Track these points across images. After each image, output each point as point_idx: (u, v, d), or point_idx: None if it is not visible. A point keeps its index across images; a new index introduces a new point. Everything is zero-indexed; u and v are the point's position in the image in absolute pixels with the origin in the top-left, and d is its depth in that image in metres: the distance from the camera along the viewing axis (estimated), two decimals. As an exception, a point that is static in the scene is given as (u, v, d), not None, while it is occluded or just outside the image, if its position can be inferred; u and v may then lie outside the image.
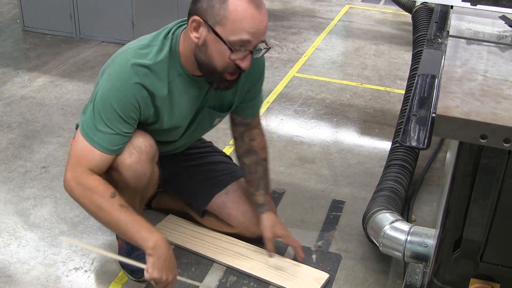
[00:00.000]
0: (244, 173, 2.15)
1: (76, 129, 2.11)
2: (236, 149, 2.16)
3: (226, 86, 1.78)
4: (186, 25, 1.76)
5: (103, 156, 1.75)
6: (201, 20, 1.67)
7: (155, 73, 1.76)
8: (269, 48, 1.75)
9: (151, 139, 1.85)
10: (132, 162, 1.79)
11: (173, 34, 1.80)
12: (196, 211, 2.20)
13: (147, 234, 1.73)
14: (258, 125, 2.14)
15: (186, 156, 2.19)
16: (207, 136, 2.28)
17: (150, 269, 1.73)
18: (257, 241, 2.20)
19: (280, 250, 2.16)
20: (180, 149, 2.13)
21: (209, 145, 2.32)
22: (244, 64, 1.68)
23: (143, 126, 1.85)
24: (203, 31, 1.68)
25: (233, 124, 2.13)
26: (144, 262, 2.01)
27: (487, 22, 1.91)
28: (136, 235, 1.74)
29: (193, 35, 1.70)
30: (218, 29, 1.64)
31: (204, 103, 1.92)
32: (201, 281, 2.02)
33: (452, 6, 2.07)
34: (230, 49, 1.65)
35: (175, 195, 2.28)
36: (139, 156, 1.80)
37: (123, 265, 2.04)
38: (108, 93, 1.74)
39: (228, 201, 2.12)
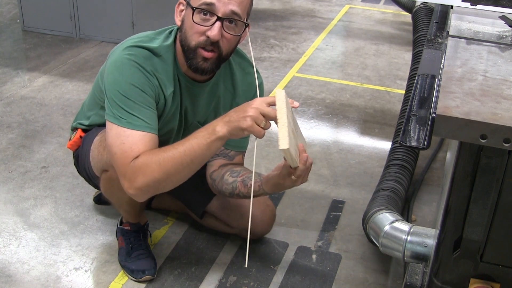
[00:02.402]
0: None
1: (72, 130, 2.12)
2: (213, 184, 1.97)
3: (204, 67, 1.72)
4: None
5: (145, 136, 1.66)
6: (183, 1, 1.73)
7: (160, 67, 1.76)
8: (247, 24, 1.72)
9: None
10: None
11: (175, 32, 1.81)
12: (195, 214, 2.20)
13: (209, 133, 1.61)
14: (241, 165, 2.01)
15: None
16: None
17: (245, 127, 1.55)
18: (256, 242, 2.21)
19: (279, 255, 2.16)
20: None
21: None
22: (212, 33, 1.66)
23: None
24: (184, 11, 1.73)
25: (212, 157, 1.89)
26: (143, 262, 2.02)
27: (487, 22, 1.91)
28: (206, 144, 1.61)
29: (178, 19, 1.76)
30: (191, 1, 1.69)
31: (195, 112, 1.90)
32: (201, 281, 2.02)
33: (452, 6, 2.08)
34: (192, 8, 1.65)
35: (174, 196, 2.28)
36: None
37: (123, 265, 2.04)
38: (118, 77, 1.70)
39: (227, 202, 2.12)
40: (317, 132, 3.12)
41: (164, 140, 1.86)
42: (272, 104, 1.56)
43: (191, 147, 1.62)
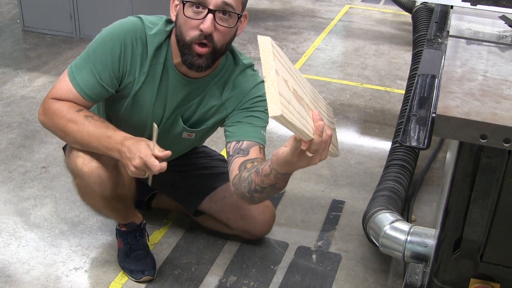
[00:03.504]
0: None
1: None
2: (236, 191, 1.75)
3: (199, 62, 1.72)
4: None
5: (77, 96, 1.78)
6: None
7: (147, 43, 1.81)
8: (240, 15, 1.71)
9: None
10: (94, 168, 1.79)
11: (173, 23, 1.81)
12: (189, 211, 2.20)
13: (108, 146, 1.71)
14: (261, 159, 1.77)
15: (179, 161, 2.13)
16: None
17: (128, 166, 1.66)
18: (255, 242, 2.21)
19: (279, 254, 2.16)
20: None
21: (202, 150, 2.30)
22: (204, 26, 1.65)
23: (113, 104, 1.88)
24: (178, 6, 1.74)
25: (229, 158, 1.81)
26: (142, 263, 2.02)
27: (487, 22, 1.91)
28: (102, 139, 1.71)
29: (173, 14, 1.77)
30: None
31: (176, 106, 1.87)
32: (201, 281, 2.02)
33: (452, 6, 2.08)
34: (183, 2, 1.66)
35: (170, 197, 2.28)
36: (98, 161, 1.79)
37: (123, 266, 2.04)
38: (103, 33, 1.79)
39: (226, 205, 2.11)
40: (317, 132, 3.11)
41: (141, 124, 1.90)
42: (161, 157, 1.61)
43: (90, 130, 1.72)
